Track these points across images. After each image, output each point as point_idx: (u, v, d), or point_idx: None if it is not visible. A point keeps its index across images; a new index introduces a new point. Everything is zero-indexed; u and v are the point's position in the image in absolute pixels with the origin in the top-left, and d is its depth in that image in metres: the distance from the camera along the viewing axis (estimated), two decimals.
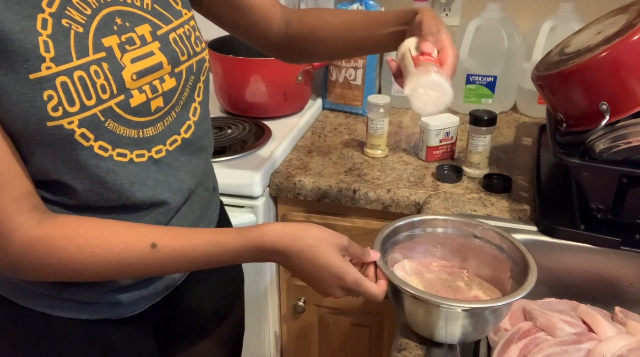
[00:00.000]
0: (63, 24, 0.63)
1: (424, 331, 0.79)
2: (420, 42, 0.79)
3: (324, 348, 1.43)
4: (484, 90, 1.51)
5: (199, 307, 0.94)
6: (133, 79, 0.68)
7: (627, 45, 0.89)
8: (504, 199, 1.13)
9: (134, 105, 0.69)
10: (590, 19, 1.12)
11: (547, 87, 1.03)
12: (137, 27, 0.70)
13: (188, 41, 0.75)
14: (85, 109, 0.64)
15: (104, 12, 0.68)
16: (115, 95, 0.66)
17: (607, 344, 0.79)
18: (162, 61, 0.71)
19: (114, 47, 0.67)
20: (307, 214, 1.27)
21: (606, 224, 0.96)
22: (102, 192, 0.70)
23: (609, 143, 0.92)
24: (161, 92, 0.72)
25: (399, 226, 0.87)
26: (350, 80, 1.52)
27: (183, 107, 0.77)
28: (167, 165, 0.76)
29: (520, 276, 0.79)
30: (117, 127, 0.68)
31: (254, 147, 1.33)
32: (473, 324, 0.76)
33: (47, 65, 0.61)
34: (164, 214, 0.78)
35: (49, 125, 0.62)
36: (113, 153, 0.69)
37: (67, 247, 0.65)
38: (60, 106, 0.62)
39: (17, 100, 0.61)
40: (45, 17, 0.62)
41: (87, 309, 0.78)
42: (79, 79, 0.63)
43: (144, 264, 0.68)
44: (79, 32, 0.64)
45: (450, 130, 1.28)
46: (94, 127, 0.65)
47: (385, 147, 1.32)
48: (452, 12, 1.67)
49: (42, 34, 0.61)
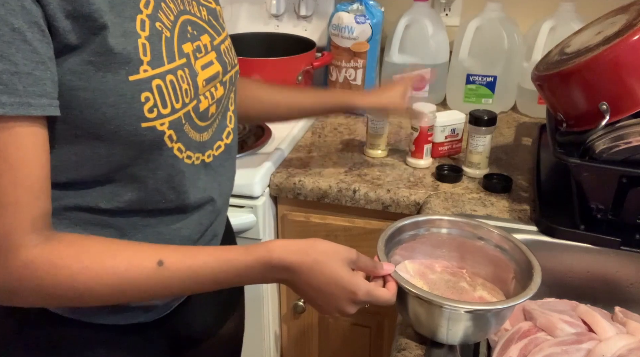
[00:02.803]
0: (157, 27, 0.65)
1: (426, 331, 0.79)
2: None
3: (324, 348, 1.43)
4: (484, 90, 1.51)
5: (201, 309, 0.94)
6: (203, 85, 0.71)
7: (627, 45, 0.89)
8: (504, 199, 1.13)
9: (201, 110, 0.72)
10: (590, 19, 1.12)
11: (547, 87, 1.03)
12: (202, 36, 0.74)
13: (231, 53, 0.81)
14: (175, 111, 0.66)
15: (182, 19, 0.70)
16: (192, 100, 0.69)
17: (607, 344, 0.79)
18: (219, 70, 0.75)
19: (190, 54, 0.70)
20: (307, 214, 1.27)
21: (606, 224, 0.96)
22: (165, 192, 0.71)
23: (609, 143, 0.91)
24: (215, 99, 0.75)
25: (403, 226, 0.87)
26: (350, 80, 1.52)
27: (223, 114, 0.80)
28: (214, 169, 0.78)
29: (524, 278, 0.79)
30: (190, 131, 0.71)
31: (254, 147, 1.33)
32: (477, 325, 0.76)
33: (144, 68, 0.63)
34: (208, 218, 0.79)
35: (143, 126, 0.64)
36: (184, 155, 0.71)
37: (72, 265, 0.62)
38: (156, 108, 0.64)
39: (114, 101, 0.61)
40: (143, 18, 0.63)
41: (123, 314, 0.77)
42: (170, 82, 0.65)
43: (149, 284, 0.66)
44: (168, 37, 0.66)
45: (456, 127, 1.29)
46: (177, 130, 0.68)
47: (385, 147, 1.32)
48: (452, 12, 1.67)
49: (142, 35, 0.63)
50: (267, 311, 1.36)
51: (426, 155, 1.26)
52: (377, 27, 1.48)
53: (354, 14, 1.48)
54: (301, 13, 1.64)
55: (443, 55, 1.56)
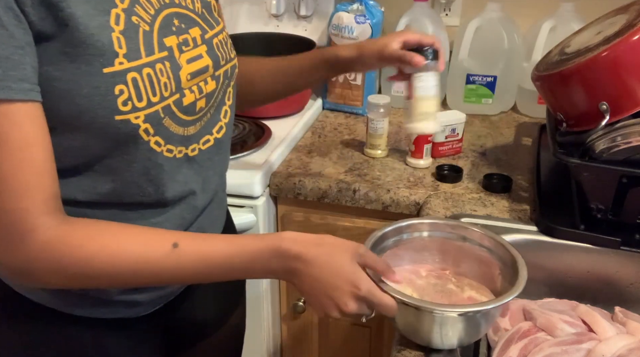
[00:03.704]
0: (133, 21, 0.65)
1: (422, 339, 0.78)
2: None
3: (324, 348, 1.43)
4: (484, 90, 1.51)
5: (202, 307, 0.94)
6: (187, 79, 0.71)
7: (627, 45, 0.89)
8: (504, 199, 1.13)
9: (185, 104, 0.71)
10: (590, 19, 1.12)
11: (547, 87, 1.03)
12: (191, 29, 0.73)
13: (226, 47, 0.80)
14: (151, 105, 0.66)
15: (165, 13, 0.70)
16: (173, 94, 0.69)
17: (607, 344, 0.79)
18: (209, 64, 0.75)
19: (174, 47, 0.69)
20: (307, 214, 1.27)
21: (606, 224, 0.96)
22: (142, 185, 0.71)
23: (609, 143, 0.91)
24: (205, 93, 0.75)
25: (385, 233, 0.87)
26: (350, 80, 1.52)
27: (216, 109, 0.79)
28: (199, 163, 0.78)
29: (509, 273, 0.80)
30: (171, 125, 0.70)
31: (254, 147, 1.33)
32: (470, 327, 0.76)
33: (120, 60, 0.63)
34: (191, 212, 0.79)
35: (117, 119, 0.64)
36: (164, 148, 0.71)
37: (89, 246, 0.64)
38: (130, 101, 0.64)
39: (88, 93, 0.62)
40: (118, 12, 0.64)
41: (106, 308, 0.78)
42: (147, 75, 0.65)
43: (164, 266, 0.67)
44: (146, 31, 0.66)
45: (456, 127, 1.29)
46: (155, 123, 0.68)
47: (385, 147, 1.32)
48: (452, 12, 1.67)
49: (115, 29, 0.63)
50: (267, 311, 1.36)
51: (426, 155, 1.26)
52: (377, 27, 1.48)
53: (354, 14, 1.48)
54: (301, 13, 1.64)
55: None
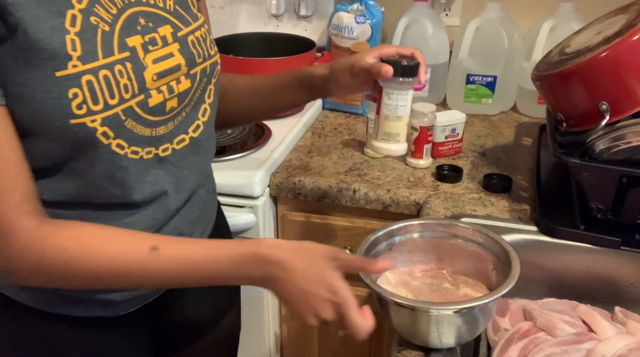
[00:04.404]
0: (91, 22, 0.64)
1: (420, 340, 0.78)
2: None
3: (324, 348, 1.43)
4: (484, 90, 1.51)
5: (195, 308, 0.94)
6: (153, 79, 0.69)
7: (627, 45, 0.89)
8: (504, 199, 1.13)
9: (151, 105, 0.70)
10: (590, 19, 1.12)
11: (547, 87, 1.03)
12: (160, 27, 0.72)
13: (204, 44, 0.78)
14: (109, 107, 0.65)
15: (129, 12, 0.69)
16: (136, 95, 0.68)
17: (607, 344, 0.79)
18: (181, 63, 0.73)
19: (137, 47, 0.68)
20: (307, 214, 1.27)
21: (606, 224, 0.96)
22: (107, 188, 0.71)
23: (609, 143, 0.92)
24: (177, 93, 0.73)
25: (378, 237, 0.86)
26: None
27: (193, 107, 0.78)
28: (172, 163, 0.77)
29: (503, 268, 0.80)
30: (135, 126, 0.69)
31: (254, 147, 1.33)
32: (467, 323, 0.76)
33: (73, 63, 0.62)
34: (163, 213, 0.78)
35: (72, 123, 0.63)
36: (128, 151, 0.70)
37: (70, 247, 0.65)
38: (85, 104, 0.63)
39: (42, 97, 0.61)
40: (74, 13, 0.63)
41: (80, 306, 0.78)
42: (104, 78, 0.64)
43: (143, 268, 0.67)
44: (106, 31, 0.65)
45: (456, 127, 1.29)
46: (115, 126, 0.66)
47: None
48: (452, 12, 1.67)
49: (71, 31, 0.62)
50: (267, 311, 1.36)
51: (426, 155, 1.26)
52: (377, 27, 1.48)
53: (354, 14, 1.48)
54: (301, 13, 1.64)
55: (443, 55, 1.56)
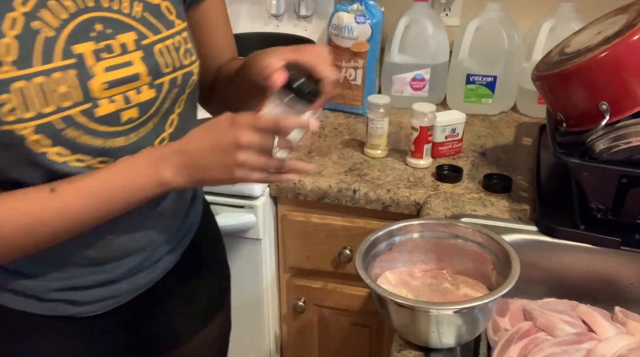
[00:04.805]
0: (32, 26, 0.62)
1: (420, 340, 0.78)
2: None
3: (324, 348, 1.43)
4: (484, 90, 1.51)
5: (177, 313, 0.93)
6: (103, 88, 0.66)
7: (627, 45, 0.89)
8: (504, 199, 1.13)
9: (100, 114, 0.67)
10: (590, 19, 1.12)
11: (547, 87, 1.03)
12: (120, 34, 0.68)
13: (176, 53, 0.73)
14: (42, 116, 0.62)
15: (83, 17, 0.66)
16: (79, 104, 0.65)
17: (607, 344, 0.79)
18: (140, 72, 0.69)
19: (86, 54, 0.65)
20: (307, 214, 1.27)
21: (606, 224, 0.96)
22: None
23: (609, 143, 0.92)
24: (136, 103, 0.70)
25: (377, 237, 0.86)
26: (350, 80, 1.52)
27: (161, 118, 0.75)
28: None
29: (503, 268, 0.80)
30: (79, 136, 0.66)
31: None
32: (466, 323, 0.76)
33: (6, 69, 0.60)
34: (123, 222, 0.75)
35: (2, 129, 0.61)
36: (69, 158, 0.67)
37: None
38: (15, 111, 0.61)
39: None
40: (16, 16, 0.61)
41: (40, 303, 0.78)
42: (38, 85, 0.62)
43: (48, 213, 0.66)
44: (49, 37, 0.63)
45: (456, 127, 1.29)
46: (50, 134, 0.64)
47: (385, 147, 1.32)
48: (452, 12, 1.67)
49: (7, 35, 0.60)
50: (267, 311, 1.36)
51: (426, 155, 1.26)
52: (377, 27, 1.48)
53: (354, 14, 1.48)
54: (301, 13, 1.64)
55: (443, 55, 1.56)
